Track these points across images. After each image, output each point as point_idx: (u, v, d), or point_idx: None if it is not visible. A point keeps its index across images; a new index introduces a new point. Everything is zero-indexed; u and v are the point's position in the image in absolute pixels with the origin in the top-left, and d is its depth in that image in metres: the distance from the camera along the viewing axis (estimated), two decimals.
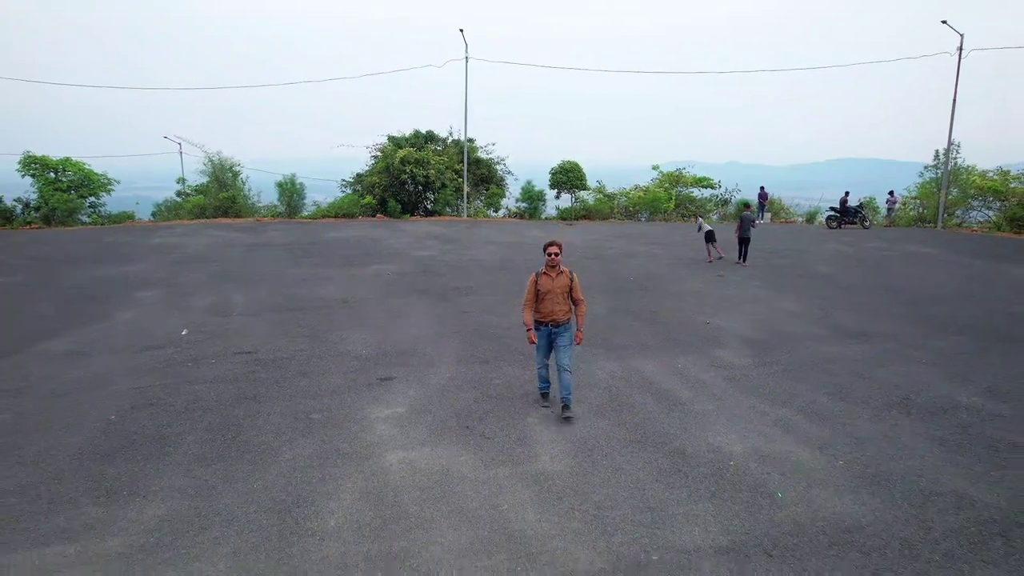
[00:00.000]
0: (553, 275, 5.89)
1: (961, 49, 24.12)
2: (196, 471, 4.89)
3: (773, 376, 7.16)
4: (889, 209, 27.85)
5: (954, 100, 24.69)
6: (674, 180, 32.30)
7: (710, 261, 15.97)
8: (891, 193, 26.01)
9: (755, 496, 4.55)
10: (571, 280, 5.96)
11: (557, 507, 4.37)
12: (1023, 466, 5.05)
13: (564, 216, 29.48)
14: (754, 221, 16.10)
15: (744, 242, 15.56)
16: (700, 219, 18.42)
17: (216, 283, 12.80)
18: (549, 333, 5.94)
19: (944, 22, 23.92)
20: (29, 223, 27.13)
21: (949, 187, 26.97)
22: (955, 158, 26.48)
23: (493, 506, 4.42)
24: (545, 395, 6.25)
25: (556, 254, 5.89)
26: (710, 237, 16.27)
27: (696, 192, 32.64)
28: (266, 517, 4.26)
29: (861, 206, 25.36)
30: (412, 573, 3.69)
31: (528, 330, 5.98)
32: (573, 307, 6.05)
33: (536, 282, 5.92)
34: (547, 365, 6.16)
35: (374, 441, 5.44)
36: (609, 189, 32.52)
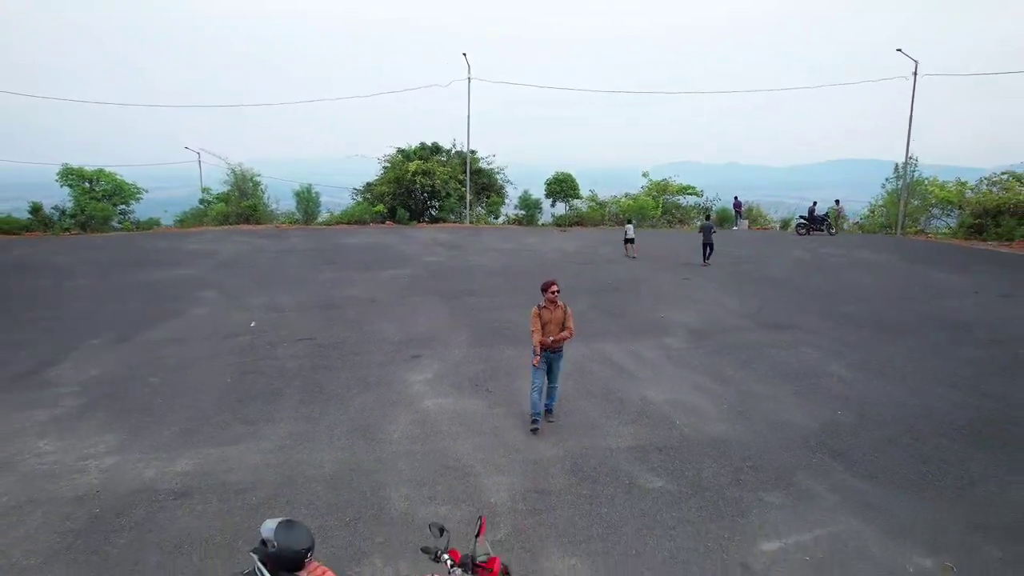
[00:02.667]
0: (552, 308, 6.93)
1: (916, 74, 26.73)
2: (301, 409, 7.46)
3: (700, 355, 9.72)
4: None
5: (910, 119, 27.29)
6: (661, 189, 34.88)
7: (627, 255, 20.19)
8: (836, 202, 28.59)
9: (662, 423, 7.11)
10: (565, 313, 6.99)
11: (522, 423, 6.93)
12: (840, 406, 7.60)
13: (559, 223, 32.07)
14: (713, 228, 18.96)
15: (707, 246, 18.42)
16: (629, 225, 21.68)
17: (261, 285, 15.34)
18: (548, 358, 6.99)
19: (899, 50, 26.50)
20: (66, 229, 29.68)
21: (912, 197, 29.59)
22: (914, 171, 29.07)
23: (493, 428, 6.98)
24: (535, 422, 6.91)
25: (556, 292, 6.92)
26: (629, 239, 20.39)
27: (682, 200, 35.25)
28: (353, 433, 6.83)
29: (827, 215, 27.91)
30: (445, 459, 6.25)
31: (536, 354, 6.85)
32: (566, 334, 6.99)
33: (539, 314, 6.93)
34: (541, 390, 6.96)
35: (413, 394, 8.01)
36: (601, 196, 35.19)
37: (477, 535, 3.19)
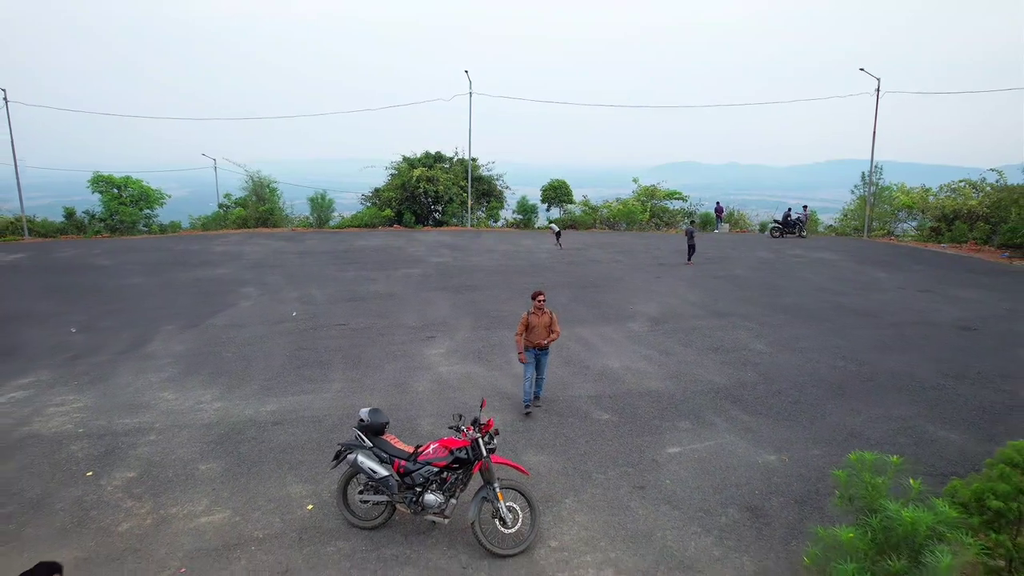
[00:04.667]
0: (539, 314, 8.33)
1: (879, 91, 29.29)
2: (347, 373, 10.03)
3: (654, 336, 12.29)
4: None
5: (874, 132, 29.88)
6: (650, 194, 37.45)
7: (556, 246, 25.24)
8: (804, 207, 31.09)
9: (615, 381, 9.68)
10: (551, 318, 8.40)
11: (519, 383, 9.49)
12: (750, 370, 10.14)
13: (554, 225, 34.60)
14: (695, 232, 21.55)
15: (690, 248, 21.27)
16: (554, 226, 26.86)
17: (293, 282, 17.90)
18: (536, 354, 8.44)
19: (862, 69, 29.07)
20: (97, 232, 32.25)
21: (881, 202, 32.18)
22: (878, 180, 31.64)
23: (490, 384, 9.55)
24: (527, 407, 8.36)
25: (543, 300, 8.36)
26: (558, 236, 25.77)
27: (669, 204, 37.81)
28: (389, 387, 9.39)
29: (799, 219, 30.46)
30: (456, 402, 8.81)
31: (520, 353, 8.23)
32: (553, 337, 8.45)
33: (527, 320, 8.36)
34: (531, 380, 8.33)
35: (430, 363, 10.57)
36: (594, 201, 37.84)
37: (480, 407, 5.78)
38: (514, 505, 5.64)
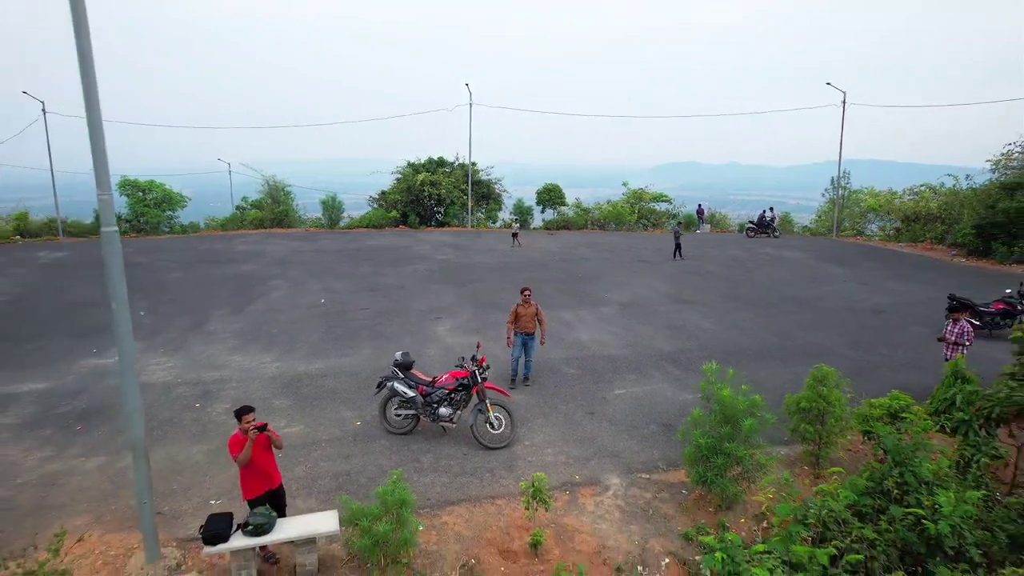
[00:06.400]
0: (526, 306, 10.23)
1: (845, 103, 31.98)
2: (373, 343, 12.73)
3: (621, 317, 14.97)
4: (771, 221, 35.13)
5: (841, 141, 32.54)
6: (638, 197, 40.14)
7: (515, 246, 27.52)
8: (771, 208, 33.72)
9: (582, 349, 12.36)
10: (536, 309, 10.33)
11: (508, 352, 12.16)
12: (692, 342, 12.81)
13: (548, 227, 37.31)
14: (679, 233, 24.75)
15: (677, 246, 24.26)
16: (516, 225, 29.99)
17: (315, 276, 20.58)
18: (524, 340, 10.30)
19: (828, 83, 31.77)
20: (124, 232, 34.93)
21: (850, 205, 34.87)
22: (846, 185, 34.36)
23: (487, 350, 12.21)
24: (513, 380, 10.49)
25: (528, 294, 10.37)
26: (514, 234, 28.40)
27: (656, 206, 40.50)
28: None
29: (773, 220, 33.12)
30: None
31: (508, 338, 10.39)
32: (538, 324, 10.39)
33: (516, 310, 10.32)
34: (518, 360, 10.37)
35: (439, 336, 13.27)
36: (588, 203, 40.57)
37: (477, 347, 8.49)
38: (499, 415, 8.33)
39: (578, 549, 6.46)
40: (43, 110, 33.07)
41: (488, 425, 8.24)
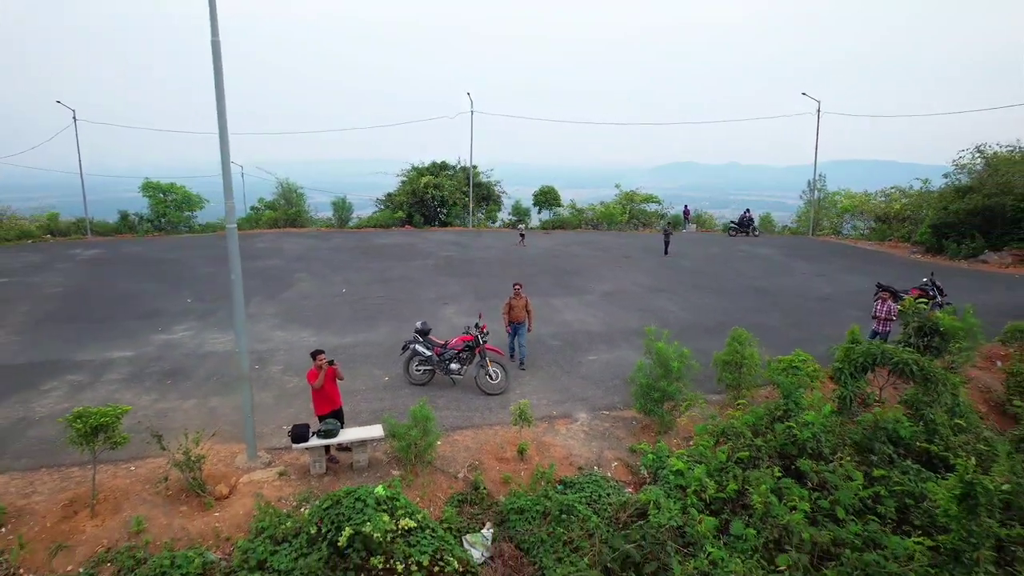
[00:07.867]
0: (517, 299, 12.24)
1: (819, 112, 34.49)
2: (391, 323, 15.27)
3: (603, 302, 17.48)
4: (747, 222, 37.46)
5: (816, 147, 35.06)
6: (629, 198, 42.66)
7: (520, 245, 29.41)
8: (747, 210, 36.23)
9: (567, 327, 14.88)
10: (526, 301, 12.33)
11: (503, 327, 14.67)
12: (657, 320, 15.32)
13: (544, 227, 39.83)
14: (670, 231, 27.67)
15: (667, 244, 27.01)
16: (522, 226, 32.03)
17: (334, 270, 23.08)
18: (515, 327, 12.27)
19: (804, 93, 34.28)
20: (147, 232, 37.38)
21: (827, 206, 37.40)
22: (822, 187, 36.87)
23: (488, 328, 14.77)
24: (512, 356, 12.52)
25: (519, 288, 12.42)
26: (522, 235, 30.68)
27: (647, 207, 43.01)
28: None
29: (752, 220, 35.61)
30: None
31: (506, 325, 12.42)
32: (527, 314, 12.43)
33: (509, 302, 12.33)
34: (512, 345, 12.48)
35: (446, 316, 15.79)
36: (583, 203, 43.12)
37: (479, 317, 11.04)
38: (496, 370, 10.84)
39: (552, 456, 8.97)
40: (74, 118, 35.58)
41: (488, 377, 10.75)
